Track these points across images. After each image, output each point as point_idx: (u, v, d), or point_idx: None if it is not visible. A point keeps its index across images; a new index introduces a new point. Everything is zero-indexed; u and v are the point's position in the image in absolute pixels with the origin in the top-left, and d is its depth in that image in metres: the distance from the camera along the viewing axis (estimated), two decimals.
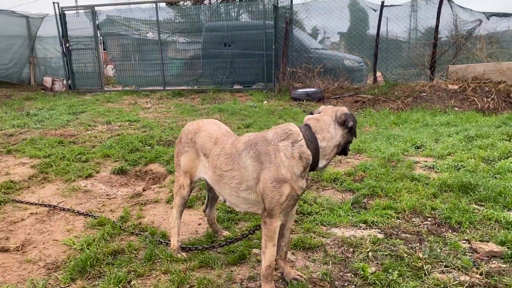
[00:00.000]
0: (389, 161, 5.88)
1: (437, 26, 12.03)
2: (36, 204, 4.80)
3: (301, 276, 3.10)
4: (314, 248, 3.60)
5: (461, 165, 5.52)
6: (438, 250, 3.45)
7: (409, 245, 3.62)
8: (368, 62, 13.47)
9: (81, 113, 11.27)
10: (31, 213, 4.56)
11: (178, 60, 15.99)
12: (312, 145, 2.73)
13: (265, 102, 12.33)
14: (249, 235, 3.62)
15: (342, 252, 3.53)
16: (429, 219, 4.15)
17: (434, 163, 5.73)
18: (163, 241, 3.74)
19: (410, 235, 3.81)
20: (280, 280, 3.14)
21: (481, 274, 3.12)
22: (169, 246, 3.60)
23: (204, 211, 3.92)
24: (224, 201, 3.28)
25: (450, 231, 3.87)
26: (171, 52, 16.19)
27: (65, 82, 15.75)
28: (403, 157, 6.09)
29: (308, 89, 12.49)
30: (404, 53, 13.03)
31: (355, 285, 3.05)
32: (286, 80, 13.46)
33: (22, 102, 13.08)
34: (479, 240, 3.62)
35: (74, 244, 3.80)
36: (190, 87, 15.19)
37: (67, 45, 15.47)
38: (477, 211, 4.20)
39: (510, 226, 3.82)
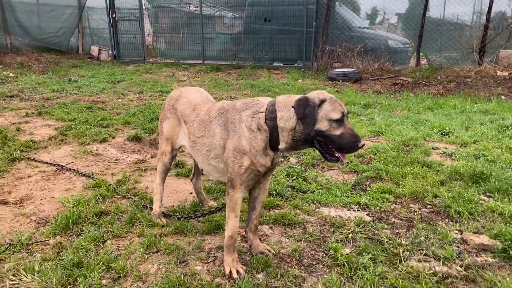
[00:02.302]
0: (404, 145, 5.59)
1: (490, 7, 11.14)
2: (46, 163, 5.02)
3: (269, 250, 3.05)
4: (294, 224, 3.52)
5: (482, 154, 5.15)
6: (422, 238, 3.26)
7: (395, 230, 3.45)
8: (413, 44, 12.79)
9: (119, 82, 11.61)
10: (39, 171, 4.78)
11: (224, 35, 15.98)
12: (270, 121, 2.61)
13: (300, 80, 12.09)
14: (221, 209, 3.55)
15: (321, 231, 3.42)
16: (428, 206, 3.93)
17: (454, 150, 5.38)
18: (149, 206, 3.79)
19: (400, 221, 3.62)
20: (248, 252, 3.10)
21: (461, 266, 2.91)
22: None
23: (191, 180, 3.92)
24: (202, 169, 3.27)
25: (446, 220, 3.64)
26: (218, 27, 16.19)
27: (110, 52, 16.26)
28: (422, 142, 5.77)
29: (345, 69, 12.10)
30: (452, 35, 12.20)
31: (323, 265, 2.96)
32: (325, 59, 13.10)
33: (68, 69, 13.66)
34: (473, 232, 3.38)
35: (68, 202, 3.95)
36: (228, 62, 15.18)
37: (114, 16, 15.90)
38: (482, 202, 3.91)
39: None
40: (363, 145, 2.56)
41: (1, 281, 2.76)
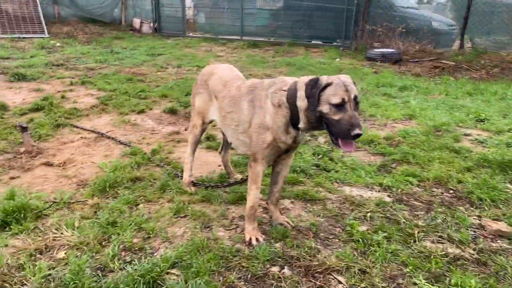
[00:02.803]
0: (435, 130, 5.56)
1: None
2: (87, 130, 5.36)
3: (288, 222, 3.22)
4: (315, 201, 3.67)
5: None
6: (439, 221, 3.34)
7: (414, 212, 3.53)
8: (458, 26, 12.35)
9: (159, 55, 11.91)
10: (81, 137, 5.12)
11: (264, 11, 15.93)
12: (291, 99, 2.73)
13: (337, 59, 11.99)
14: (245, 181, 3.72)
15: (341, 208, 3.56)
16: (451, 191, 3.97)
17: (487, 138, 5.32)
18: (179, 175, 4.03)
19: (420, 204, 3.70)
20: (268, 223, 3.29)
21: (474, 249, 2.99)
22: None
23: (220, 153, 4.12)
24: (230, 143, 3.45)
25: (467, 206, 3.68)
26: (259, 2, 16.15)
27: (151, 24, 16.58)
28: (454, 128, 5.71)
29: (384, 50, 11.87)
30: (499, 18, 11.67)
31: (339, 239, 3.11)
32: (364, 38, 12.89)
33: (111, 40, 14.10)
34: (492, 219, 3.42)
35: (106, 167, 4.25)
36: (266, 39, 15.17)
37: None
38: (507, 190, 3.91)
39: None
40: (358, 134, 2.48)
41: (45, 233, 3.07)
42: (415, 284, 2.63)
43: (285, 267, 2.75)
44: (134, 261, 2.74)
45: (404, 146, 4.98)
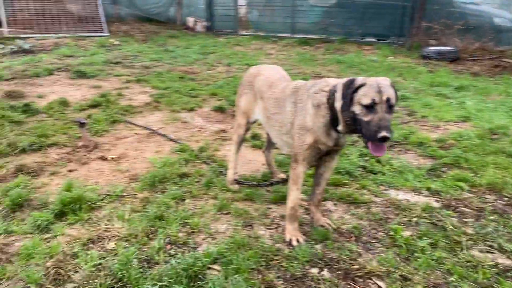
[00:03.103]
0: (491, 133, 5.30)
1: None
2: (141, 126, 5.60)
3: (329, 224, 3.22)
4: (358, 203, 3.63)
5: None
6: (490, 229, 3.20)
7: (462, 219, 3.41)
8: None
9: (210, 54, 12.14)
10: (135, 133, 5.37)
11: (317, 8, 15.78)
12: (331, 100, 2.71)
13: (390, 57, 11.66)
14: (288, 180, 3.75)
15: (385, 212, 3.50)
16: (505, 198, 3.79)
17: None
18: (224, 172, 4.13)
19: (469, 210, 3.56)
20: (309, 224, 3.31)
21: None
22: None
23: (263, 152, 4.18)
24: (275, 143, 3.50)
25: None
26: None
27: (205, 23, 16.92)
28: None
29: (441, 48, 11.40)
30: None
31: (381, 244, 3.07)
32: (420, 35, 12.43)
33: (165, 39, 14.54)
34: None
35: (156, 163, 4.43)
36: (317, 36, 15.01)
37: None
38: None
39: None
40: (384, 137, 2.41)
41: (98, 224, 3.27)
42: None
43: (325, 269, 2.76)
44: (178, 254, 2.86)
45: (456, 149, 4.80)
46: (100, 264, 2.79)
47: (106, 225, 3.26)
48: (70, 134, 5.21)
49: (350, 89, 2.55)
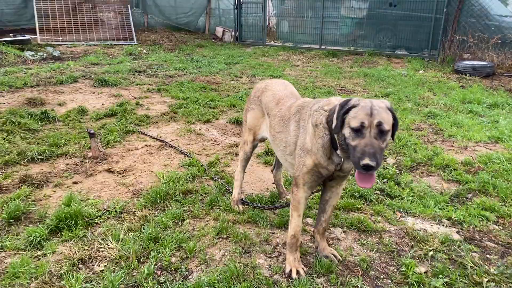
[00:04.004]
0: None
1: None
2: (153, 137, 5.49)
3: (335, 256, 2.95)
4: (370, 232, 3.34)
5: None
6: None
7: (486, 255, 3.06)
8: None
9: (236, 64, 12.05)
10: (146, 145, 5.25)
11: (348, 19, 15.49)
12: (330, 120, 2.46)
13: (421, 71, 11.23)
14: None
15: (399, 243, 3.20)
16: None
17: None
18: (231, 190, 3.93)
19: (495, 245, 3.20)
20: (314, 254, 3.04)
21: None
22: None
23: (272, 171, 3.95)
24: (281, 164, 3.27)
25: None
26: (344, 10, 15.74)
27: (233, 33, 16.91)
28: None
29: (475, 62, 10.86)
30: None
31: (391, 280, 2.77)
32: (453, 49, 11.92)
33: (193, 49, 14.60)
34: None
35: (162, 178, 4.28)
36: (346, 48, 14.71)
37: None
38: None
39: None
40: (366, 166, 2.16)
41: (91, 243, 3.12)
42: None
43: None
44: (167, 282, 2.66)
45: (485, 174, 4.42)
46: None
47: (100, 244, 3.11)
48: (82, 144, 5.14)
49: (343, 110, 2.32)
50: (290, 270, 2.76)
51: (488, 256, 3.07)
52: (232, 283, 2.63)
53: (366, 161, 2.15)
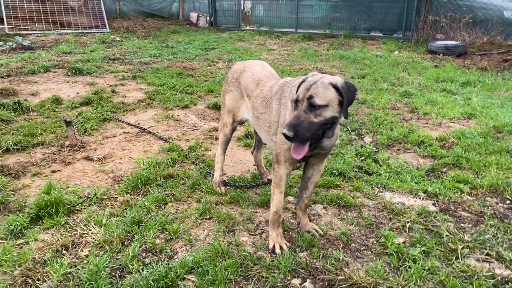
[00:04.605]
0: (496, 131, 5.05)
1: None
2: (131, 124, 5.44)
3: (316, 230, 3.02)
4: (349, 207, 3.43)
5: None
6: (489, 236, 2.98)
7: (460, 225, 3.19)
8: None
9: (212, 49, 11.95)
10: (124, 132, 5.21)
11: (323, 2, 15.48)
12: None
13: (395, 52, 11.38)
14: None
15: (377, 217, 3.29)
16: (507, 202, 3.55)
17: None
18: (212, 173, 3.95)
19: (468, 215, 3.34)
20: (296, 230, 3.11)
21: None
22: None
23: (252, 153, 3.99)
24: (265, 144, 3.31)
25: None
26: None
27: (208, 18, 16.72)
28: None
29: (448, 42, 11.08)
30: None
31: (371, 252, 2.87)
32: (426, 29, 12.11)
33: (167, 35, 14.38)
34: None
35: (143, 163, 4.27)
36: (322, 31, 14.75)
37: None
38: None
39: None
40: (283, 134, 2.32)
41: (74, 229, 3.11)
42: None
43: (307, 280, 2.57)
44: (152, 263, 2.68)
45: (458, 148, 4.57)
46: (70, 273, 2.63)
47: (83, 230, 3.10)
48: (58, 133, 5.07)
49: (298, 85, 2.47)
50: (274, 246, 2.82)
51: (462, 225, 3.19)
52: (217, 260, 2.67)
53: (284, 130, 2.29)
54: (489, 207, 3.46)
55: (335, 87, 2.38)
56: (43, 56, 9.80)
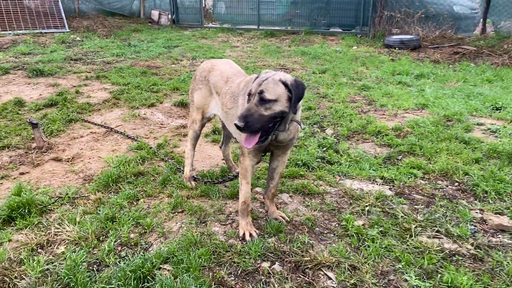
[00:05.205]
0: (446, 120, 5.43)
1: None
2: (98, 124, 5.48)
3: (283, 217, 3.23)
4: (313, 194, 3.66)
5: None
6: (439, 215, 3.28)
7: (414, 206, 3.48)
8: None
9: (175, 47, 11.98)
10: (91, 132, 5.24)
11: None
12: None
13: (354, 47, 11.79)
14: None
15: (339, 202, 3.54)
16: (456, 184, 3.88)
17: (500, 127, 5.16)
18: (182, 169, 4.08)
19: (421, 197, 3.64)
20: (264, 218, 3.31)
21: (472, 245, 2.93)
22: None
23: (220, 147, 4.15)
24: (235, 138, 3.47)
25: (471, 199, 3.60)
26: None
27: (170, 16, 16.66)
28: (467, 118, 5.56)
29: (403, 36, 11.60)
30: None
31: (334, 234, 3.10)
32: (382, 24, 12.61)
33: (129, 33, 14.25)
34: (495, 212, 3.34)
35: (112, 162, 4.34)
36: (283, 28, 15.03)
37: None
38: None
39: None
40: (235, 124, 2.53)
41: (48, 228, 3.18)
42: (406, 280, 2.60)
43: (276, 262, 2.77)
44: (128, 256, 2.81)
45: (412, 137, 4.90)
46: (47, 269, 2.72)
47: (57, 228, 3.17)
48: (24, 135, 5.04)
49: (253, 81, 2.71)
50: (244, 234, 3.01)
51: (415, 206, 3.49)
52: (191, 249, 2.83)
53: (235, 121, 2.52)
54: (440, 190, 3.78)
55: (285, 83, 2.60)
56: (1, 58, 9.56)
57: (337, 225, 3.21)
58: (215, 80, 3.47)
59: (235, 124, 2.51)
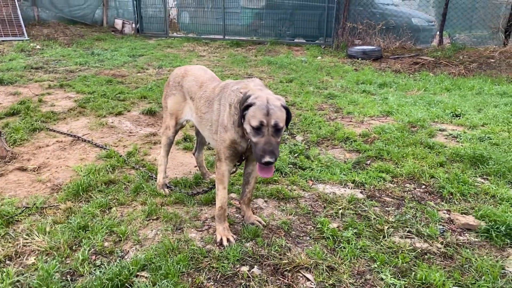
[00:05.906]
0: (410, 126, 5.65)
1: None
2: (64, 133, 5.32)
3: (259, 222, 3.25)
4: (288, 199, 3.71)
5: (488, 137, 5.16)
6: (409, 216, 3.39)
7: (385, 208, 3.58)
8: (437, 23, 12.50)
9: (140, 56, 11.84)
10: (57, 141, 5.08)
11: (248, 9, 15.89)
12: (241, 103, 2.69)
13: (319, 57, 12.05)
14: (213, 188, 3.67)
15: (313, 206, 3.60)
16: (423, 186, 4.03)
17: (461, 133, 5.41)
18: (154, 177, 4.03)
19: (391, 199, 3.75)
20: (241, 223, 3.32)
21: (442, 243, 3.05)
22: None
23: (194, 154, 4.13)
24: (208, 143, 3.46)
25: (438, 201, 3.75)
26: (244, 1, 16.09)
27: (134, 25, 16.47)
28: (430, 124, 5.80)
29: (365, 47, 11.96)
30: (477, 14, 11.85)
31: (310, 237, 3.14)
32: (345, 36, 12.97)
33: (92, 42, 13.96)
34: (461, 212, 3.49)
35: (81, 171, 4.23)
36: (249, 38, 15.17)
37: None
38: (477, 184, 3.99)
39: (503, 202, 3.60)
40: (267, 162, 2.49)
41: (16, 239, 3.06)
42: (381, 279, 2.67)
43: (255, 266, 2.78)
44: (104, 264, 2.74)
45: (379, 142, 5.05)
46: (18, 281, 2.61)
47: (26, 239, 3.05)
48: None
49: (243, 106, 2.60)
50: (221, 239, 3.00)
51: (387, 208, 3.59)
52: (168, 256, 2.79)
53: (267, 159, 2.48)
54: (408, 192, 3.91)
55: (286, 108, 2.63)
56: None
57: (312, 228, 3.26)
58: (189, 85, 3.47)
59: (268, 161, 2.46)
